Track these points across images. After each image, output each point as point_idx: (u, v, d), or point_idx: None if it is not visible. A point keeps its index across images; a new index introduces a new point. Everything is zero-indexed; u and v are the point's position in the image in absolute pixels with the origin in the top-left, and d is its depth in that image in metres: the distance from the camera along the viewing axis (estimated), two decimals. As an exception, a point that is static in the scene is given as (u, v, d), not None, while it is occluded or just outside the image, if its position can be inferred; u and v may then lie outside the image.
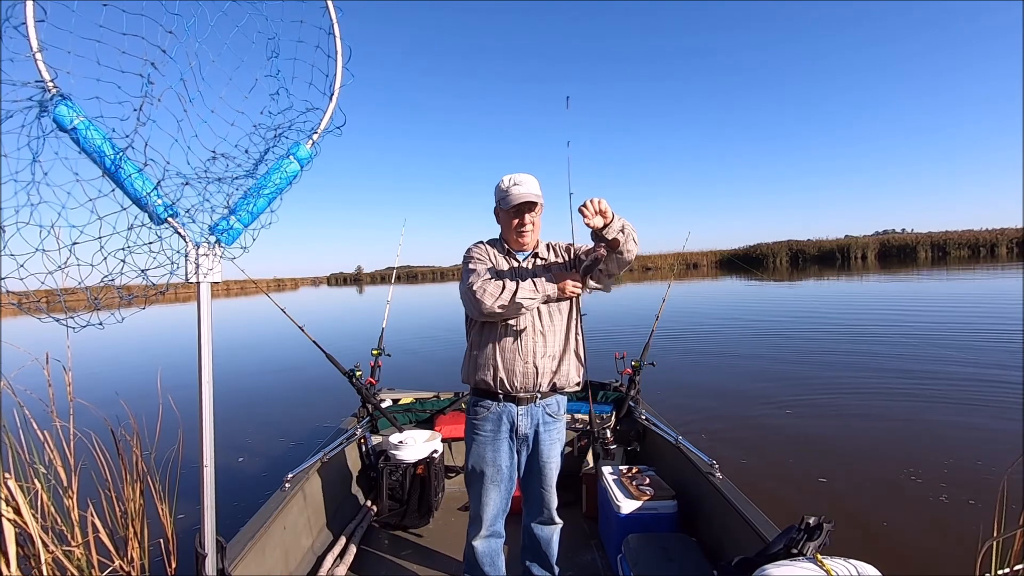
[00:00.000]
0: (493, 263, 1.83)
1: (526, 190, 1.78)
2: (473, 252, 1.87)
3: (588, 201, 1.56)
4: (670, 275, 41.18)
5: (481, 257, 1.84)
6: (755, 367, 6.93)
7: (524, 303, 1.67)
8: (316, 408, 5.87)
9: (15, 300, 1.16)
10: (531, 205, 1.79)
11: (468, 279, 1.75)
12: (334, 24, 1.43)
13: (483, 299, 1.66)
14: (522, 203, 1.76)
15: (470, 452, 1.85)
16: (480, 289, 1.68)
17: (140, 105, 1.20)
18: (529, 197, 1.76)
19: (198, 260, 1.31)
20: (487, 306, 1.66)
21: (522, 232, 1.82)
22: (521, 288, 1.67)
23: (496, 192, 1.86)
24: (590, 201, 1.56)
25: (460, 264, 1.92)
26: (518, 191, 1.77)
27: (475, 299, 1.68)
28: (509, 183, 1.80)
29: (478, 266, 1.79)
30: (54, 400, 2.40)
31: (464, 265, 1.85)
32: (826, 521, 1.41)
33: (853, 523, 2.92)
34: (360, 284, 75.96)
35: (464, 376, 1.89)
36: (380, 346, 3.53)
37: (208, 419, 1.33)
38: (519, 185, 1.79)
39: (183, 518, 3.06)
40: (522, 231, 1.81)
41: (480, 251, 1.87)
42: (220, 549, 1.38)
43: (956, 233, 45.40)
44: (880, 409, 4.89)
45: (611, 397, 3.29)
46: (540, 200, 1.80)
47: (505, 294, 1.66)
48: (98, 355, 10.44)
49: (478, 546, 1.88)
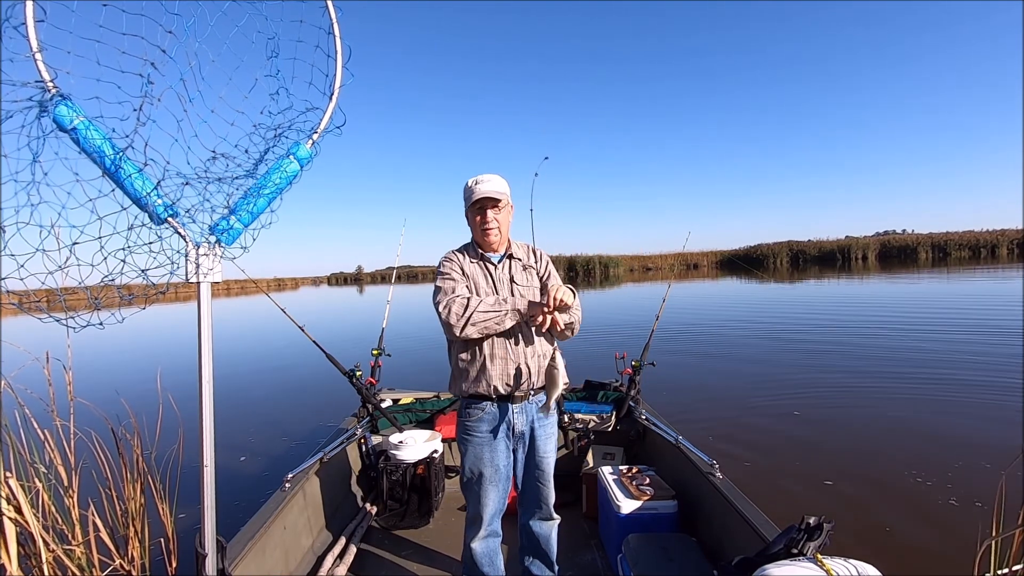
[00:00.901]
0: (467, 273, 1.81)
1: (489, 187, 1.78)
2: (443, 266, 1.84)
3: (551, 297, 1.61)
4: (670, 275, 41.19)
5: (450, 273, 1.81)
6: (755, 367, 6.92)
7: (490, 324, 1.66)
8: (316, 408, 5.87)
9: (15, 300, 1.17)
10: (492, 201, 1.79)
11: (436, 298, 1.74)
12: (334, 24, 1.43)
13: (451, 324, 1.66)
14: (483, 198, 1.77)
15: (466, 454, 1.84)
16: (445, 310, 1.67)
17: (140, 105, 1.20)
18: (490, 193, 1.77)
19: (198, 260, 1.31)
20: (456, 333, 1.66)
21: (486, 230, 1.81)
22: (483, 310, 1.65)
23: (464, 194, 1.86)
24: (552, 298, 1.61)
25: None
26: (479, 188, 1.78)
27: (444, 322, 1.68)
28: (473, 183, 1.80)
29: (445, 283, 1.77)
30: (54, 399, 2.40)
31: (435, 280, 1.83)
32: (826, 521, 1.41)
33: (853, 523, 2.91)
34: (360, 284, 76.00)
35: (454, 389, 1.86)
36: (380, 346, 3.53)
37: (208, 419, 1.33)
38: (481, 183, 1.79)
39: (183, 517, 3.06)
40: (486, 228, 1.81)
41: (450, 264, 1.83)
42: (220, 549, 1.38)
43: (957, 234, 45.40)
44: (879, 409, 4.89)
45: (611, 397, 3.29)
46: (502, 197, 1.80)
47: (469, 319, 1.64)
48: (98, 355, 10.44)
49: (477, 547, 1.87)
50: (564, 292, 1.63)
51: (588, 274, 48.48)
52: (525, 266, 1.90)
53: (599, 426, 3.08)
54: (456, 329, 1.66)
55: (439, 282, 1.79)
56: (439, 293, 1.75)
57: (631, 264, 56.38)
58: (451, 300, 1.69)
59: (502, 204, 1.82)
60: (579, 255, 52.04)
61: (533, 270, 1.91)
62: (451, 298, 1.69)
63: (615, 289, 26.89)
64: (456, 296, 1.70)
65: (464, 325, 1.64)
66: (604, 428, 3.07)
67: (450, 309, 1.66)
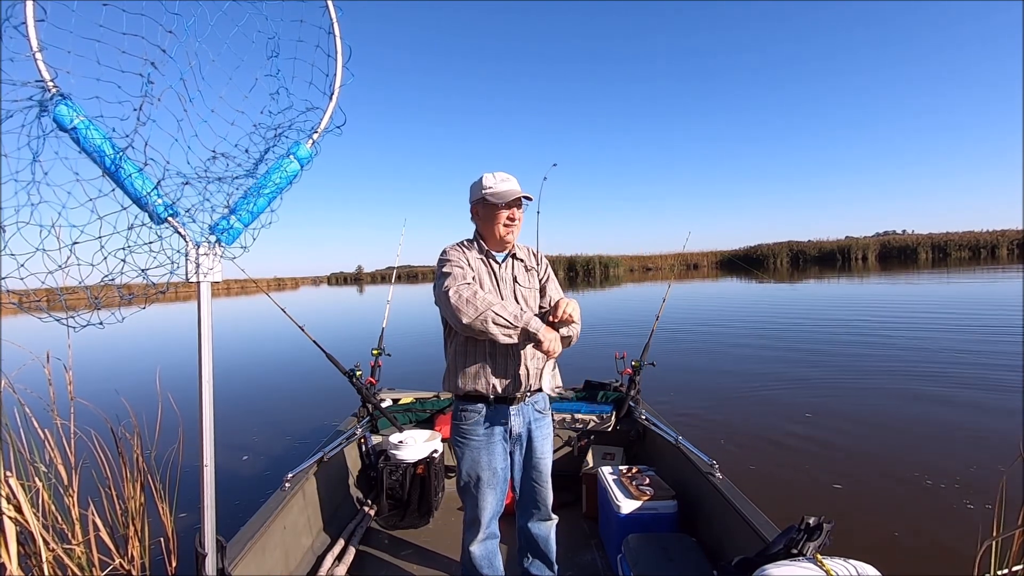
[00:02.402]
0: (472, 267, 1.76)
1: (517, 187, 1.77)
2: (450, 254, 1.77)
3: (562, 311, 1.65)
4: (670, 275, 41.18)
5: (457, 260, 1.74)
6: (755, 367, 6.92)
7: (497, 333, 1.59)
8: (316, 408, 5.87)
9: (15, 299, 1.17)
10: (521, 200, 1.79)
11: (444, 283, 1.66)
12: (334, 23, 1.43)
13: (460, 309, 1.59)
14: (517, 198, 1.76)
15: (463, 458, 1.80)
16: (455, 295, 1.60)
17: (140, 105, 1.20)
18: (522, 193, 1.76)
19: (198, 260, 1.31)
20: (463, 321, 1.59)
21: (510, 227, 1.78)
22: (499, 314, 1.59)
23: (476, 188, 1.80)
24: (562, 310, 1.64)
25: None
26: (509, 187, 1.76)
27: (451, 307, 1.60)
28: (495, 179, 1.76)
29: (454, 270, 1.69)
30: (55, 399, 2.40)
31: (439, 267, 1.76)
32: (826, 521, 1.41)
33: (853, 523, 2.91)
34: (360, 284, 75.99)
35: (449, 385, 1.81)
36: (380, 346, 3.53)
37: (208, 418, 1.33)
38: (507, 181, 1.77)
39: (184, 517, 3.06)
40: (510, 226, 1.78)
41: (456, 254, 1.77)
42: (220, 549, 1.38)
43: (957, 234, 45.43)
44: (879, 409, 4.89)
45: (611, 397, 3.29)
46: (531, 197, 1.80)
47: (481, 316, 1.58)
48: (99, 354, 10.45)
49: (476, 550, 1.85)
50: (573, 307, 1.64)
51: (588, 274, 48.49)
52: (527, 267, 1.89)
53: (599, 426, 3.08)
54: (464, 316, 1.57)
55: (446, 268, 1.71)
56: (446, 278, 1.66)
57: (631, 264, 56.41)
58: (461, 286, 1.62)
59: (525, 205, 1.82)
60: (579, 255, 52.10)
61: (534, 272, 1.90)
62: (461, 284, 1.63)
63: (615, 289, 26.89)
64: (466, 283, 1.65)
65: (472, 314, 1.57)
66: (604, 428, 3.08)
67: (460, 294, 1.59)
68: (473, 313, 1.58)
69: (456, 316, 1.60)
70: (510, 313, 1.60)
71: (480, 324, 1.58)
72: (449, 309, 1.62)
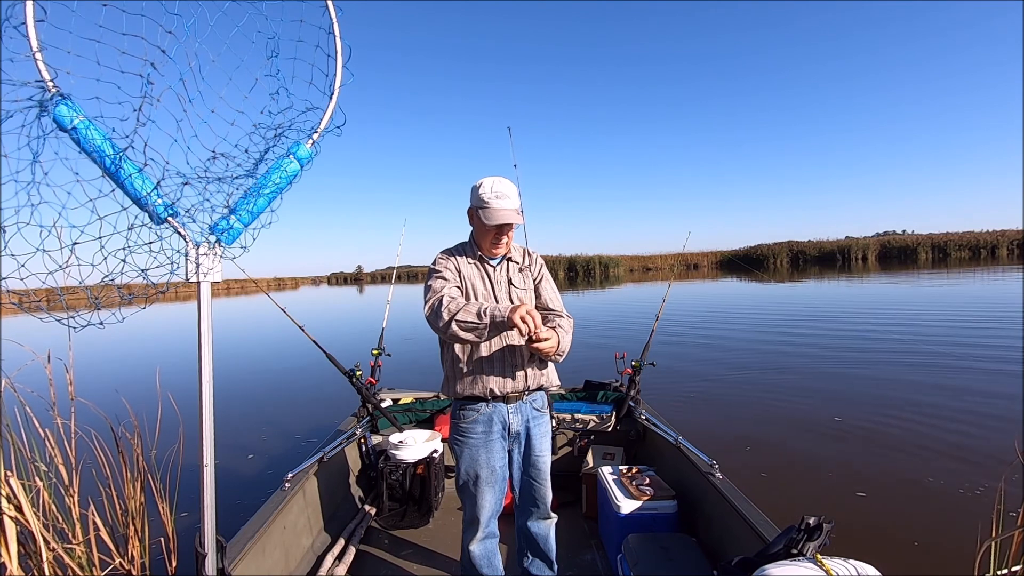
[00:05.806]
0: (464, 274, 1.78)
1: (510, 206, 1.72)
2: (436, 265, 1.79)
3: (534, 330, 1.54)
4: (670, 275, 41.16)
5: (442, 271, 1.76)
6: (754, 367, 6.92)
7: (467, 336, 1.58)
8: (316, 408, 5.87)
9: (16, 299, 1.17)
10: (512, 225, 1.77)
11: (425, 298, 1.71)
12: (334, 23, 1.43)
13: (431, 323, 1.63)
14: (504, 224, 1.72)
15: (461, 457, 1.81)
16: (428, 309, 1.65)
17: (140, 105, 1.20)
18: (512, 218, 1.71)
19: (198, 260, 1.31)
20: (439, 332, 1.64)
21: (498, 244, 1.80)
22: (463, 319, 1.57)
23: (474, 194, 1.78)
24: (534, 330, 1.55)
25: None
26: (500, 206, 1.71)
27: (428, 321, 1.65)
28: (491, 194, 1.72)
29: (435, 282, 1.73)
30: (55, 398, 2.40)
31: (425, 281, 1.79)
32: (826, 521, 1.41)
33: (853, 523, 2.91)
34: (360, 284, 76.02)
35: (448, 391, 1.82)
36: (380, 346, 3.53)
37: (208, 418, 1.33)
38: (500, 199, 1.71)
39: (184, 517, 3.06)
40: (499, 244, 1.80)
41: (444, 263, 1.79)
42: (220, 549, 1.38)
43: (957, 235, 45.44)
44: (878, 410, 4.88)
45: (611, 397, 3.29)
46: (521, 220, 1.76)
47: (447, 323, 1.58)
48: (99, 354, 10.45)
49: (475, 549, 1.86)
50: (547, 333, 1.59)
51: (588, 274, 48.48)
52: (521, 268, 1.89)
53: (599, 426, 3.08)
54: (436, 329, 1.64)
55: (429, 280, 1.76)
56: (427, 293, 1.72)
57: (631, 264, 56.43)
58: (438, 298, 1.65)
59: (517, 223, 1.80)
60: (579, 255, 52.11)
61: (528, 271, 1.91)
62: (438, 296, 1.67)
63: (615, 289, 26.89)
64: (443, 295, 1.67)
65: (440, 324, 1.60)
66: (604, 428, 3.08)
67: (432, 308, 1.64)
68: (440, 323, 1.61)
69: (433, 329, 1.66)
70: (473, 312, 1.57)
71: (451, 332, 1.59)
72: (429, 323, 1.67)
